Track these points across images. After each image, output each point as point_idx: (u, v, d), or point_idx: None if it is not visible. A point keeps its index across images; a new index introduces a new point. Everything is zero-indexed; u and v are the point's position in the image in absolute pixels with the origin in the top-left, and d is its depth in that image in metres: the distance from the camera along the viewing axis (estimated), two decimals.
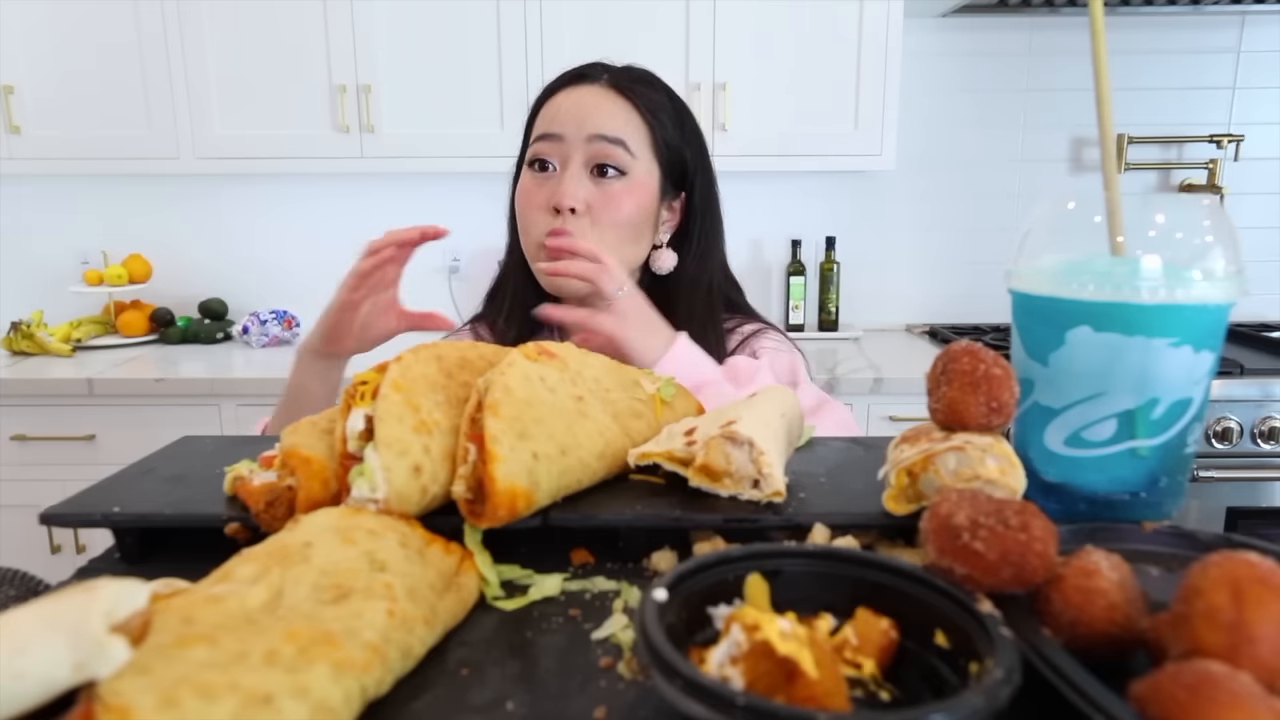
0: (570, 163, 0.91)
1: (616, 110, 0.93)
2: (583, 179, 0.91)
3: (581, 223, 0.90)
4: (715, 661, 0.33)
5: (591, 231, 0.90)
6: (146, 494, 0.53)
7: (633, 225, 0.93)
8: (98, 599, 0.29)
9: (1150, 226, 0.48)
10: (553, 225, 0.90)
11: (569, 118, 0.92)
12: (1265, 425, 1.76)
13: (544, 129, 0.93)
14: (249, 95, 2.10)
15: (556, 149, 0.92)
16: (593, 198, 0.91)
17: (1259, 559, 0.31)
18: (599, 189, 0.91)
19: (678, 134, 0.97)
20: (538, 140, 0.94)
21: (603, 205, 0.91)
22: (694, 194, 0.99)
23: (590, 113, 0.92)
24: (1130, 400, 0.47)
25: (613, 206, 0.91)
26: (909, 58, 2.25)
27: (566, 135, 0.91)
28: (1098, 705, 0.30)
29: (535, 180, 0.93)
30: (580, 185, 0.91)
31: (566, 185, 0.90)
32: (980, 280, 2.46)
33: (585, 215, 0.90)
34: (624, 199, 0.92)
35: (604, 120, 0.92)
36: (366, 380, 0.50)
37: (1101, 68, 0.48)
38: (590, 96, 0.94)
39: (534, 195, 0.93)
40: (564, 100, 0.94)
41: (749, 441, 0.50)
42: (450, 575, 0.43)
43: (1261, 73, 2.33)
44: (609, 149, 0.91)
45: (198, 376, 1.95)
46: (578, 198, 0.90)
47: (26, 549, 1.96)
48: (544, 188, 0.92)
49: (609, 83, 0.95)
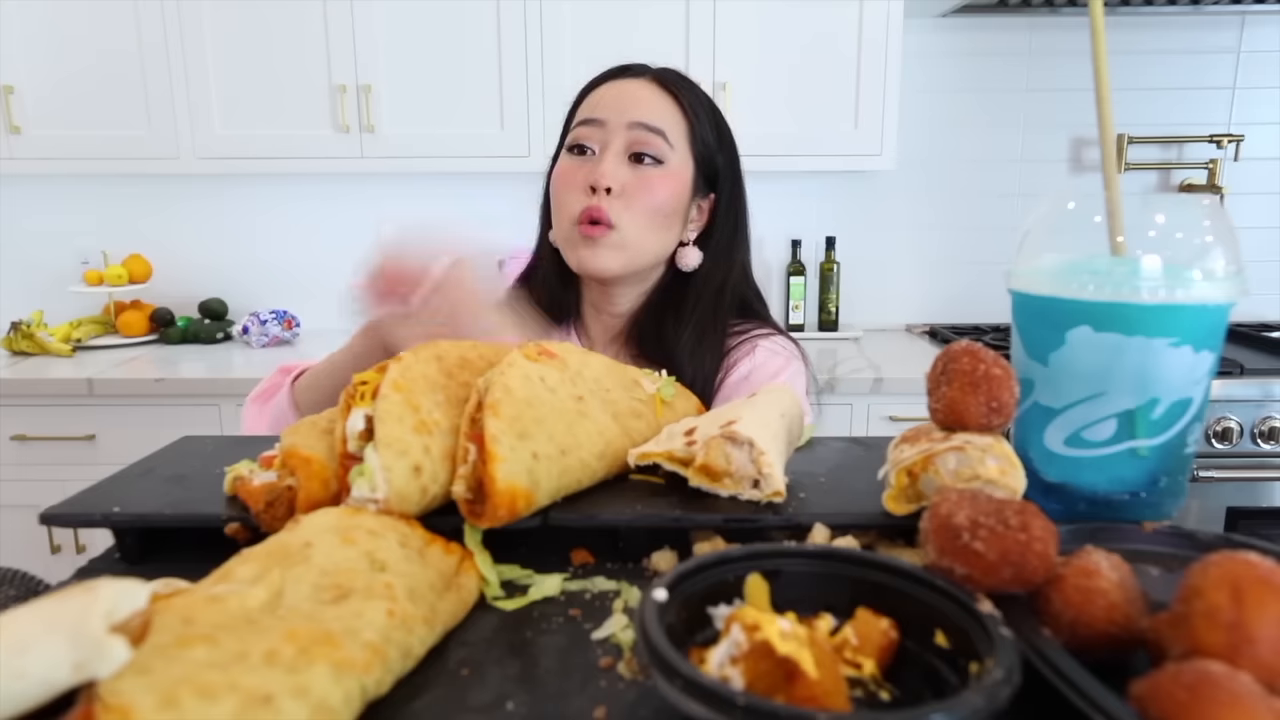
0: (609, 147, 0.93)
1: (659, 102, 0.96)
2: (621, 162, 0.93)
3: (616, 204, 0.92)
4: (715, 661, 0.33)
5: (625, 214, 0.92)
6: (146, 494, 0.53)
7: (664, 213, 0.95)
8: (98, 599, 0.29)
9: (1150, 226, 0.48)
10: (588, 204, 0.92)
11: (612, 105, 0.95)
12: (1265, 425, 1.76)
13: (586, 115, 0.96)
14: (249, 95, 2.10)
15: (597, 133, 0.94)
16: (629, 181, 0.93)
17: (1259, 559, 0.31)
18: (635, 174, 0.93)
19: (714, 136, 1.00)
20: (579, 125, 0.96)
21: (638, 189, 0.93)
22: (722, 197, 1.01)
23: (633, 101, 0.95)
24: (1130, 400, 0.47)
25: (647, 191, 0.93)
26: (909, 58, 2.25)
27: (608, 121, 0.94)
28: (1098, 705, 0.30)
29: (574, 163, 0.95)
30: (619, 167, 0.93)
31: (605, 165, 0.92)
32: (980, 280, 2.46)
33: (620, 197, 0.92)
34: (659, 185, 0.94)
35: (646, 109, 0.94)
36: (366, 380, 0.50)
37: (1101, 68, 0.48)
38: (633, 87, 0.96)
39: (571, 176, 0.94)
40: (607, 91, 0.97)
41: (749, 441, 0.50)
42: (450, 575, 0.43)
43: (1261, 73, 2.33)
44: (649, 137, 0.93)
45: (198, 376, 1.95)
46: (615, 178, 0.92)
47: (26, 549, 1.96)
48: (582, 169, 0.94)
49: (653, 78, 0.98)
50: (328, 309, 2.48)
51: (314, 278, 2.48)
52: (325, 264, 2.46)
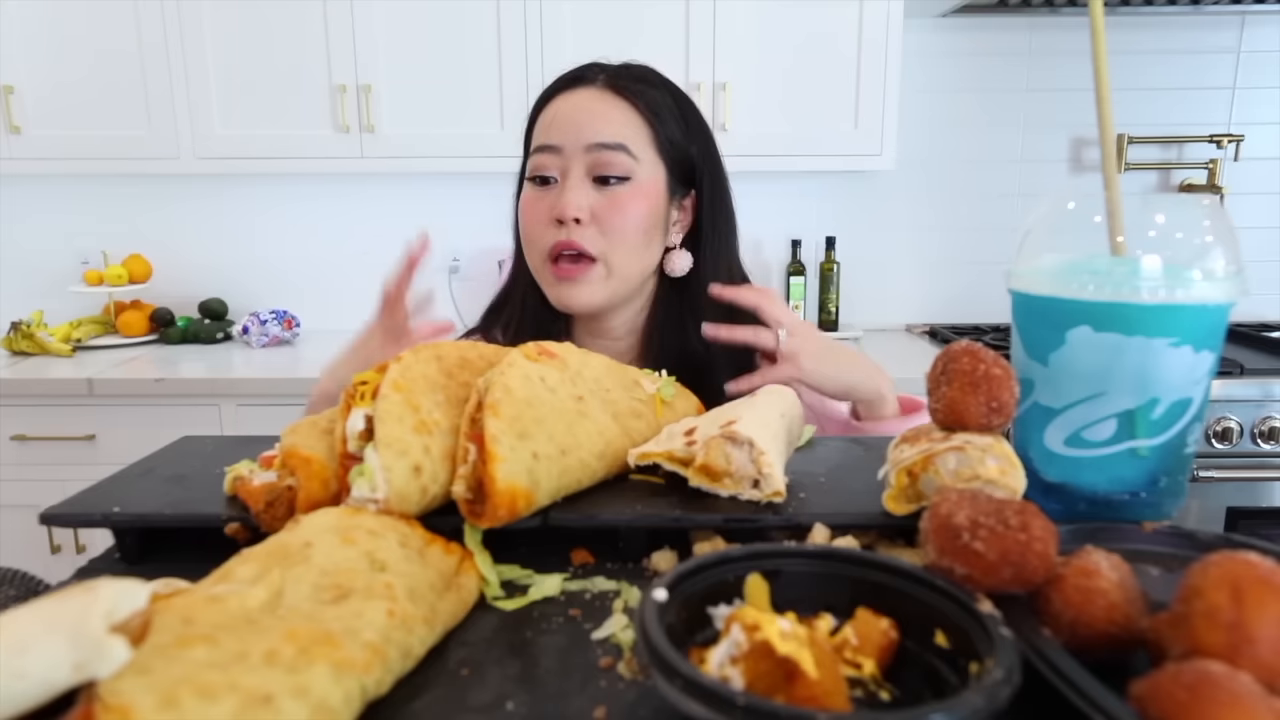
0: (570, 173, 0.89)
1: (615, 114, 0.90)
2: (585, 187, 0.88)
3: (588, 232, 0.88)
4: (715, 661, 0.33)
5: (600, 240, 0.88)
6: (146, 494, 0.53)
7: (642, 230, 0.90)
8: (98, 599, 0.29)
9: (1150, 226, 0.48)
10: (558, 237, 0.88)
11: (566, 127, 0.89)
12: (1265, 425, 1.76)
13: (542, 140, 0.91)
14: (249, 95, 2.10)
15: (555, 160, 0.89)
16: (597, 205, 0.88)
17: (1259, 559, 0.31)
18: (603, 196, 0.89)
19: (681, 130, 0.93)
20: (536, 152, 0.91)
21: (608, 212, 0.88)
22: (703, 190, 0.96)
23: (587, 120, 0.89)
24: (1130, 400, 0.47)
25: (619, 213, 0.88)
26: (909, 58, 2.25)
27: (565, 146, 0.89)
28: (1098, 705, 0.30)
29: (537, 194, 0.91)
30: (583, 194, 0.88)
31: (568, 195, 0.87)
32: (980, 280, 2.46)
33: (591, 224, 0.88)
34: (630, 204, 0.89)
35: (601, 126, 0.89)
36: (366, 380, 0.50)
37: (1101, 68, 0.48)
38: (587, 101, 0.90)
39: (536, 208, 0.90)
40: (561, 106, 0.91)
41: (749, 441, 0.50)
42: (450, 575, 0.43)
43: (1261, 73, 2.33)
44: (609, 156, 0.88)
45: (198, 376, 1.95)
46: (581, 207, 0.87)
47: (26, 549, 1.96)
48: (545, 200, 0.90)
49: (606, 84, 0.91)
50: (328, 309, 2.48)
51: (314, 278, 2.48)
52: (325, 264, 2.46)
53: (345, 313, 2.50)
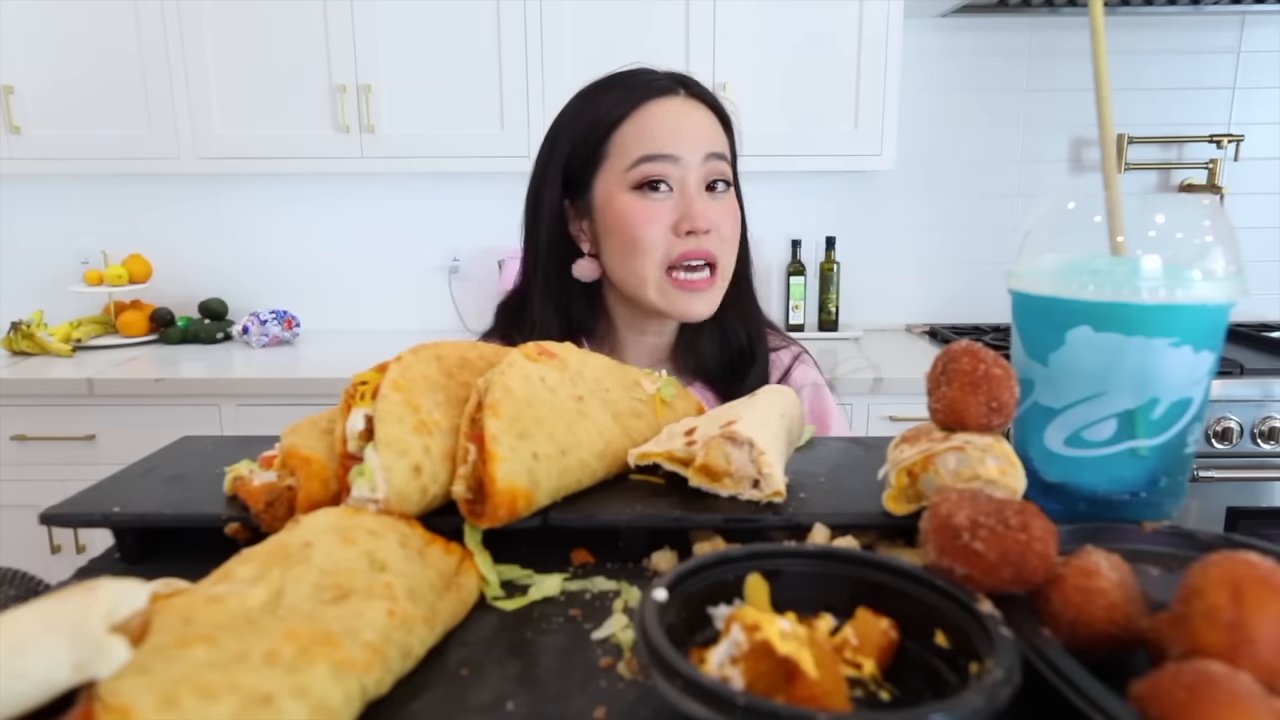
0: (689, 183, 0.89)
1: (714, 125, 0.93)
2: (704, 196, 0.90)
3: (714, 242, 0.89)
4: (715, 661, 0.33)
5: (724, 251, 0.91)
6: (146, 494, 0.53)
7: (739, 236, 0.94)
8: (98, 599, 0.29)
9: (1150, 226, 0.48)
10: (684, 247, 0.88)
11: (682, 137, 0.89)
12: (1265, 425, 1.76)
13: (653, 149, 0.89)
14: (249, 95, 2.10)
15: (673, 170, 0.89)
16: (716, 216, 0.90)
17: (1259, 559, 0.31)
18: (716, 204, 0.91)
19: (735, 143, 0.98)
20: (649, 161, 0.89)
21: (723, 221, 0.90)
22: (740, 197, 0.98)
23: (698, 129, 0.91)
24: (1130, 400, 0.47)
25: (731, 221, 0.92)
26: (909, 58, 2.25)
27: (683, 156, 0.89)
28: (1098, 705, 0.30)
29: (650, 202, 0.89)
30: (708, 204, 0.90)
31: (699, 206, 0.88)
32: (980, 280, 2.46)
33: (714, 233, 0.89)
34: (735, 212, 0.93)
35: (712, 136, 0.91)
36: (366, 380, 0.50)
37: (1101, 68, 0.48)
38: (690, 112, 0.92)
39: (653, 217, 0.89)
40: (663, 117, 0.90)
41: (749, 441, 0.50)
42: (450, 575, 0.43)
43: (1261, 73, 2.33)
44: (721, 166, 0.91)
45: (198, 376, 1.95)
46: (709, 217, 0.89)
47: (26, 549, 1.96)
48: (664, 208, 0.89)
49: (691, 95, 0.93)
50: (328, 309, 2.48)
51: (314, 278, 2.48)
52: (325, 264, 2.46)
53: (345, 312, 2.52)
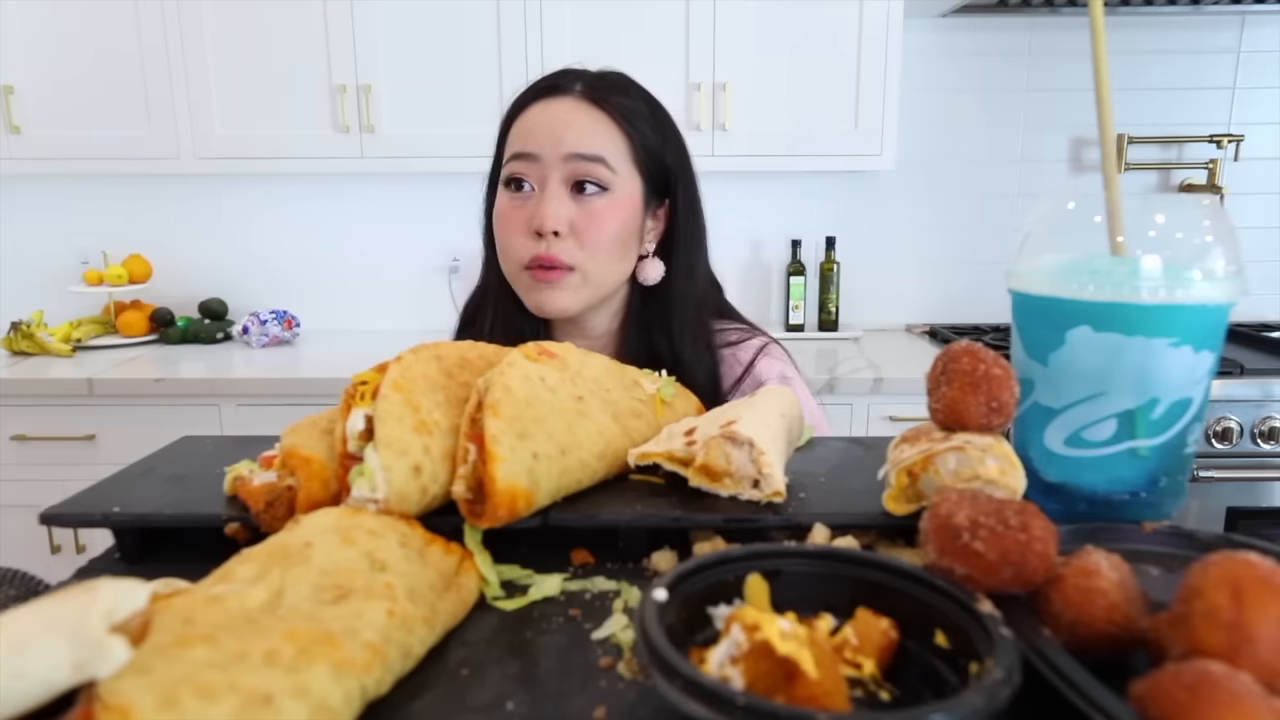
0: (548, 182, 0.87)
1: (593, 125, 0.89)
2: (563, 198, 0.87)
3: (566, 244, 0.87)
4: (715, 661, 0.33)
5: (578, 252, 0.87)
6: (146, 494, 0.53)
7: (618, 242, 0.90)
8: (98, 599, 0.29)
9: (1150, 226, 0.48)
10: (535, 249, 0.87)
11: (544, 135, 0.88)
12: (1265, 425, 1.76)
13: (519, 147, 0.89)
14: (249, 95, 2.10)
15: (533, 169, 0.88)
16: (575, 217, 0.87)
17: (1259, 559, 0.31)
18: (581, 207, 0.88)
19: (658, 140, 0.93)
20: (513, 160, 0.89)
21: (586, 224, 0.87)
22: (678, 199, 0.95)
23: (565, 130, 0.88)
24: (1130, 400, 0.47)
25: (596, 225, 0.87)
26: (909, 58, 2.25)
27: (543, 155, 0.87)
28: (1098, 705, 0.30)
29: (512, 202, 0.90)
30: (561, 205, 0.87)
31: (547, 207, 0.86)
32: (980, 280, 2.46)
33: (569, 236, 0.87)
34: (607, 216, 0.88)
35: (580, 137, 0.88)
36: (366, 380, 0.50)
37: (1101, 68, 0.48)
38: (564, 112, 0.89)
39: (513, 218, 0.89)
40: (538, 115, 0.90)
41: (749, 441, 0.50)
42: (450, 575, 0.43)
43: (1261, 73, 2.33)
44: (588, 166, 0.87)
45: (198, 376, 1.95)
46: (560, 219, 0.86)
47: (26, 549, 1.96)
48: (523, 209, 0.88)
49: (582, 94, 0.90)
50: (328, 309, 2.48)
51: (314, 278, 2.48)
52: (325, 264, 2.46)
53: (345, 312, 2.52)
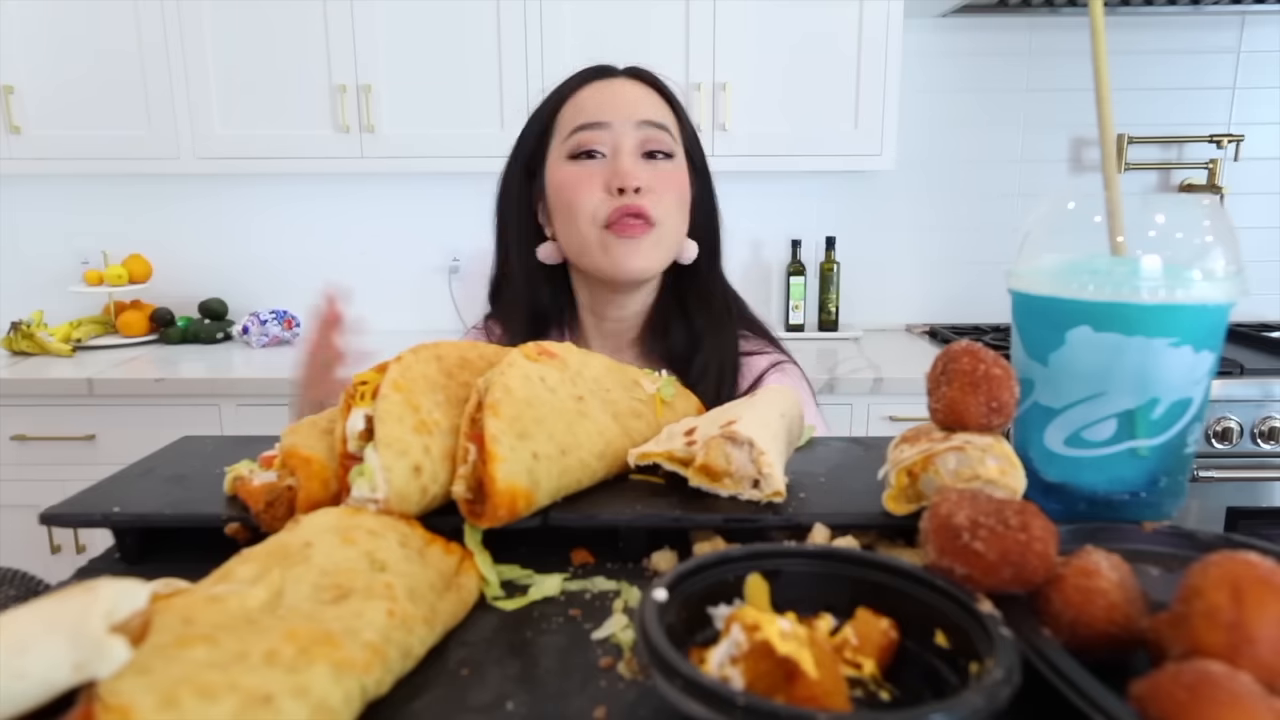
0: (621, 148, 0.90)
1: (653, 98, 0.94)
2: (639, 160, 0.91)
3: (649, 199, 0.90)
4: (715, 661, 0.33)
5: (659, 208, 0.90)
6: (146, 494, 0.53)
7: (684, 205, 0.94)
8: (98, 599, 0.29)
9: (1150, 226, 0.48)
10: (618, 204, 0.89)
11: (611, 106, 0.92)
12: (1265, 425, 1.76)
13: (586, 119, 0.92)
14: (249, 95, 2.10)
15: (605, 136, 0.91)
16: (651, 178, 0.90)
17: (1259, 559, 0.31)
18: (653, 170, 0.91)
19: (692, 128, 0.99)
20: (580, 131, 0.91)
21: (661, 184, 0.91)
22: (703, 187, 0.99)
23: (631, 100, 0.92)
24: (1130, 400, 0.47)
25: (668, 185, 0.91)
26: (909, 58, 2.25)
27: (614, 122, 0.91)
28: (1098, 705, 0.30)
29: (584, 168, 0.91)
30: (639, 165, 0.90)
31: (627, 164, 0.89)
32: (980, 280, 2.46)
33: (649, 193, 0.90)
34: (675, 179, 0.93)
35: (647, 107, 0.92)
36: (366, 380, 0.50)
37: (1101, 68, 0.48)
38: (623, 87, 0.94)
39: (587, 180, 0.90)
40: (597, 93, 0.93)
41: (749, 441, 0.50)
42: (450, 575, 0.43)
43: (1261, 73, 2.33)
44: (658, 134, 0.92)
45: (198, 376, 1.95)
46: (640, 177, 0.89)
47: (26, 549, 1.96)
48: (598, 172, 0.90)
49: (633, 75, 0.95)
50: None
51: (314, 278, 2.47)
52: (325, 264, 2.46)
53: None
